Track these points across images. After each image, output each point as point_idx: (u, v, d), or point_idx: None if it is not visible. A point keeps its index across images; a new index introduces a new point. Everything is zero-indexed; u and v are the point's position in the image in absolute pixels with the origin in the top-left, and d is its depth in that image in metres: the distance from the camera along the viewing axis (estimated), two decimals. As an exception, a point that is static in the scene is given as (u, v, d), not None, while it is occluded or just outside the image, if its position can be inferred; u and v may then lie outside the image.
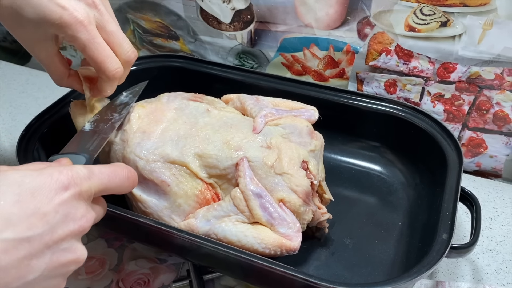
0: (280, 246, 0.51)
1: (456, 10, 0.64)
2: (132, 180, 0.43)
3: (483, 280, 0.61)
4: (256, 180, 0.53)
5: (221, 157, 0.54)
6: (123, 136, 0.57)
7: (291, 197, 0.53)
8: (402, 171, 0.70)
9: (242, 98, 0.63)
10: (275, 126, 0.59)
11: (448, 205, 0.54)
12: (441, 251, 0.48)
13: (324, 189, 0.60)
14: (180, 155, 0.54)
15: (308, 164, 0.55)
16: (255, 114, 0.60)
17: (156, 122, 0.58)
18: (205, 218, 0.53)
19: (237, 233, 0.51)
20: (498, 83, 0.68)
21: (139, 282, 0.61)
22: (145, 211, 0.55)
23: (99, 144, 0.51)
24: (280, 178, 0.53)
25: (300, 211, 0.53)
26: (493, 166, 0.77)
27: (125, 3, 0.86)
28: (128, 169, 0.43)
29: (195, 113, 0.59)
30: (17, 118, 0.90)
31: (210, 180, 0.55)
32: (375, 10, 0.69)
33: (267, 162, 0.53)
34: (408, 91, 0.75)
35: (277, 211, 0.52)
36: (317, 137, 0.59)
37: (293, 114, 0.61)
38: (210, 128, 0.57)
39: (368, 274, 0.58)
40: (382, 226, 0.64)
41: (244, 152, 0.54)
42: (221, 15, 0.79)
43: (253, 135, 0.56)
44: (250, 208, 0.52)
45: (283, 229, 0.52)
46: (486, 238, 0.66)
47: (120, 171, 0.42)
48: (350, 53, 0.75)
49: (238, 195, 0.53)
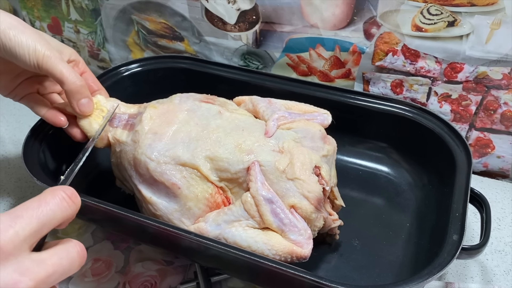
0: (291, 253, 0.50)
1: (464, 9, 0.64)
2: (69, 200, 0.37)
3: (493, 281, 0.61)
4: (267, 185, 0.52)
5: (232, 161, 0.53)
6: (135, 137, 0.57)
7: (302, 203, 0.52)
8: (409, 171, 0.70)
9: (255, 100, 0.62)
10: (288, 130, 0.58)
11: (457, 206, 0.54)
12: (452, 252, 0.48)
13: (335, 195, 0.59)
14: (191, 158, 0.54)
15: (321, 169, 0.54)
16: (267, 117, 0.59)
17: (168, 124, 0.57)
18: (215, 222, 0.52)
19: (247, 238, 0.51)
20: (505, 83, 0.68)
21: (146, 284, 0.61)
22: (155, 213, 0.55)
23: (71, 170, 0.48)
24: (292, 183, 0.52)
25: (311, 218, 0.53)
26: (501, 167, 0.77)
27: (129, 4, 0.86)
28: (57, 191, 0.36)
29: (207, 115, 0.58)
30: (22, 120, 0.90)
31: (220, 183, 0.55)
32: (382, 10, 0.69)
33: (278, 166, 0.53)
34: (415, 91, 0.74)
35: (288, 217, 0.51)
36: (330, 142, 0.59)
37: (306, 118, 0.60)
38: (221, 131, 0.56)
39: (377, 276, 0.58)
40: (390, 227, 0.64)
41: (255, 156, 0.53)
42: (226, 16, 0.79)
43: (265, 139, 0.56)
44: (261, 214, 0.52)
45: (294, 236, 0.51)
46: (494, 239, 0.66)
47: (50, 198, 0.36)
48: (356, 54, 0.74)
49: (249, 199, 0.52)
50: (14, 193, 0.74)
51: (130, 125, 0.59)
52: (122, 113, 0.61)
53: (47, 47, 0.52)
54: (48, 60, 0.52)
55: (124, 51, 0.94)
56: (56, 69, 0.53)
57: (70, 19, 0.94)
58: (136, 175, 0.56)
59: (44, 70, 0.53)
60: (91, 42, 0.96)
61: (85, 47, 0.98)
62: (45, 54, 0.52)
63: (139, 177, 0.56)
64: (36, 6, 0.96)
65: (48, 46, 0.52)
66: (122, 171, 0.59)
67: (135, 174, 0.56)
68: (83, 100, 0.56)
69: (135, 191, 0.58)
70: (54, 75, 0.53)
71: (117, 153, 0.58)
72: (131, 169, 0.56)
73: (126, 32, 0.91)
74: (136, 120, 0.59)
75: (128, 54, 0.94)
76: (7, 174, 0.78)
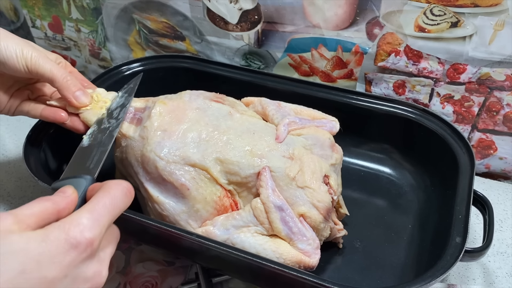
0: (299, 262, 0.50)
1: (467, 10, 0.64)
2: (130, 194, 0.40)
3: (495, 283, 0.60)
4: (278, 192, 0.52)
5: (243, 165, 0.53)
6: (143, 133, 0.55)
7: (312, 213, 0.52)
8: (412, 173, 0.70)
9: (264, 102, 0.62)
10: (298, 136, 0.57)
11: (460, 208, 0.53)
12: (455, 254, 0.48)
13: (340, 203, 0.59)
14: (201, 159, 0.53)
15: (330, 178, 0.54)
16: (277, 121, 0.59)
17: (177, 121, 0.56)
18: (223, 227, 0.52)
19: (255, 245, 0.51)
20: (508, 84, 0.68)
21: (146, 285, 0.60)
22: (161, 213, 0.54)
23: (99, 159, 0.50)
24: (302, 191, 0.52)
25: (319, 228, 0.53)
26: (503, 168, 0.76)
27: (130, 3, 0.86)
28: (121, 185, 0.40)
29: (217, 115, 0.57)
30: (22, 119, 0.88)
31: (229, 186, 0.54)
32: (385, 10, 0.68)
33: (289, 173, 0.52)
34: (417, 92, 0.74)
35: (297, 226, 0.51)
36: (338, 151, 0.58)
37: (315, 125, 0.59)
38: (232, 133, 0.55)
39: (379, 278, 0.57)
40: (392, 229, 0.63)
41: (266, 161, 0.53)
42: (228, 16, 0.79)
43: (276, 144, 0.55)
44: (270, 221, 0.51)
45: (303, 245, 0.51)
46: (497, 241, 0.65)
47: (118, 193, 0.39)
48: (359, 54, 0.74)
49: (259, 206, 0.52)
50: (14, 192, 0.74)
51: (137, 120, 0.58)
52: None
53: (34, 49, 0.54)
54: (37, 61, 0.53)
55: (125, 50, 0.94)
56: (46, 68, 0.54)
57: (71, 18, 0.94)
58: (143, 172, 0.55)
59: (34, 71, 0.54)
60: (92, 41, 0.96)
61: (86, 46, 0.98)
62: (32, 55, 0.53)
63: (146, 175, 0.55)
64: (37, 4, 0.96)
65: (34, 49, 0.54)
66: (127, 167, 0.58)
67: (142, 171, 0.55)
68: (78, 92, 0.56)
69: (140, 188, 0.57)
70: (44, 74, 0.54)
71: (123, 147, 0.57)
72: (138, 166, 0.55)
73: (127, 31, 0.91)
74: (144, 115, 0.58)
75: (129, 53, 0.94)
76: (8, 174, 0.77)
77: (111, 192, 0.38)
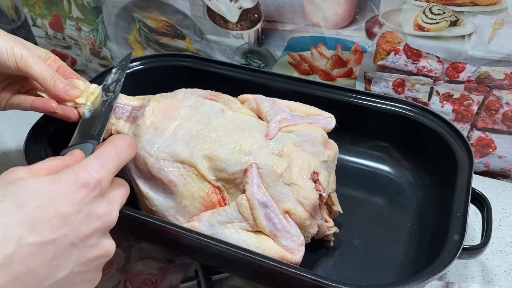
0: (282, 258, 0.50)
1: (466, 9, 0.64)
2: (133, 145, 0.45)
3: (493, 281, 0.61)
4: (263, 188, 0.52)
5: (230, 161, 0.53)
6: (136, 131, 0.56)
7: (297, 210, 0.52)
8: (411, 171, 0.70)
9: (259, 100, 0.62)
10: (289, 133, 0.57)
11: (459, 206, 0.54)
12: (453, 252, 0.48)
13: (333, 201, 0.59)
14: (190, 156, 0.54)
15: (319, 175, 0.54)
16: (269, 118, 0.59)
17: (169, 119, 0.57)
18: (209, 222, 0.52)
19: (239, 241, 0.51)
20: (507, 83, 0.68)
21: (146, 282, 0.61)
22: (151, 208, 0.55)
23: (102, 126, 0.53)
24: (288, 188, 0.52)
25: (305, 224, 0.52)
26: (502, 167, 0.76)
27: (131, 2, 0.86)
28: (124, 137, 0.44)
29: (209, 112, 0.58)
30: (23, 117, 0.90)
31: (217, 183, 0.55)
32: (384, 9, 0.68)
33: (276, 170, 0.52)
34: (417, 90, 0.74)
35: (281, 223, 0.51)
36: (331, 147, 0.58)
37: (308, 121, 0.59)
38: (222, 130, 0.56)
39: (378, 275, 0.58)
40: (391, 227, 0.63)
41: (254, 158, 0.53)
42: (228, 14, 0.79)
43: (265, 141, 0.55)
44: (255, 217, 0.52)
45: (286, 242, 0.51)
46: (495, 239, 0.66)
47: (122, 143, 0.43)
48: (358, 53, 0.74)
49: (244, 202, 0.52)
50: (15, 190, 0.74)
51: (132, 118, 0.59)
52: (125, 105, 0.61)
53: (24, 47, 0.55)
54: (27, 60, 0.54)
55: (125, 49, 0.94)
56: (35, 69, 0.55)
57: (72, 16, 0.94)
58: (134, 169, 0.56)
59: (23, 70, 0.54)
60: (93, 39, 0.96)
61: (87, 44, 0.98)
62: (23, 54, 0.54)
63: (137, 171, 0.56)
64: (37, 3, 0.96)
65: (24, 47, 0.55)
66: None
67: (133, 168, 0.56)
68: (66, 87, 0.57)
69: (133, 184, 0.57)
70: (33, 75, 0.55)
71: None
72: (130, 162, 0.56)
73: (127, 30, 0.91)
74: (139, 113, 0.59)
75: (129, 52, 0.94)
76: (8, 172, 0.78)
77: (115, 143, 0.43)
